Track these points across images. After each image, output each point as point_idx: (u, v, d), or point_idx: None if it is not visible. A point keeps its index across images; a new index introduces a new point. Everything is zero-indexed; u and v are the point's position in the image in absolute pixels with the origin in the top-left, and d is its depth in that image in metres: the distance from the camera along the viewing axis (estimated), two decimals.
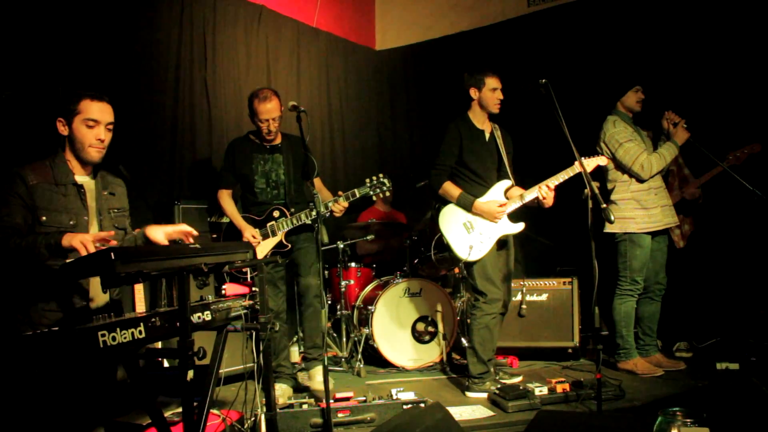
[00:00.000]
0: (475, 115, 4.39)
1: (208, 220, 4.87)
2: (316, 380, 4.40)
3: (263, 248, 4.33)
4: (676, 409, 1.86)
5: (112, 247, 2.26)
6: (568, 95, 4.67)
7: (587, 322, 5.24)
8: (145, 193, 4.89)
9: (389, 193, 4.40)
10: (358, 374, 4.93)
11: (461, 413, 3.74)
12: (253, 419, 3.38)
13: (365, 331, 5.12)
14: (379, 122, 7.63)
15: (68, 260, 2.44)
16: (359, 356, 5.05)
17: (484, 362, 4.26)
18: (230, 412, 3.57)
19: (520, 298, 5.27)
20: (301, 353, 4.85)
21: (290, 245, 4.38)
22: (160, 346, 3.79)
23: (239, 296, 3.02)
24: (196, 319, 2.61)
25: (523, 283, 5.29)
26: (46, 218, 2.80)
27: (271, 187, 4.41)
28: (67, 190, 2.90)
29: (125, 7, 4.84)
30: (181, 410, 2.65)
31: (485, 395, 4.16)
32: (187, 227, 3.03)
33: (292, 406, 3.62)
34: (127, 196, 3.29)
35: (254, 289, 3.07)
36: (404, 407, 3.62)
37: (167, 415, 3.54)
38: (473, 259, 4.23)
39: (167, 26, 5.24)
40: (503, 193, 4.36)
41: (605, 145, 4.71)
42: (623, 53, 5.91)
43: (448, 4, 7.31)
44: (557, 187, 4.19)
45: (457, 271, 5.69)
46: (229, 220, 4.46)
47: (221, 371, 2.91)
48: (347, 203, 4.30)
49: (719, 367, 4.61)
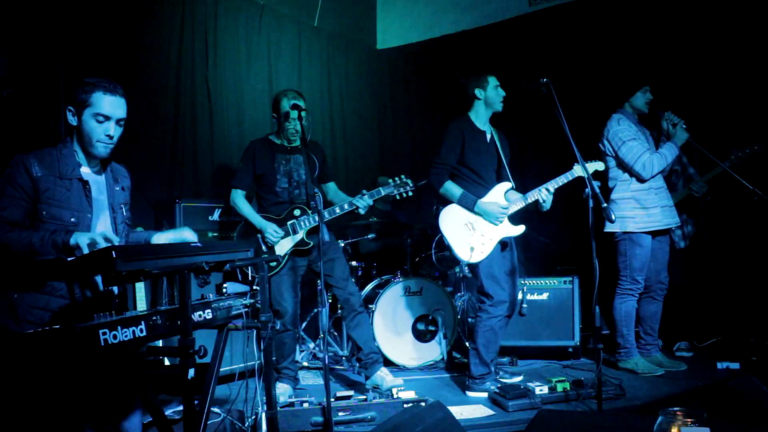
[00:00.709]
0: (477, 116, 4.36)
1: (218, 219, 4.86)
2: (389, 379, 4.38)
3: (283, 246, 4.29)
4: (676, 408, 1.85)
5: (113, 245, 2.26)
6: (569, 95, 4.68)
7: (588, 321, 5.23)
8: (146, 191, 4.91)
9: (412, 193, 4.36)
10: (358, 373, 4.93)
11: (462, 412, 3.74)
12: (253, 417, 3.39)
13: None
14: (380, 121, 7.64)
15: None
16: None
17: (486, 364, 4.26)
18: (231, 410, 3.58)
19: (520, 297, 5.27)
20: (354, 358, 4.80)
21: (311, 243, 4.30)
22: (161, 344, 3.80)
23: (240, 295, 3.02)
24: (197, 317, 2.62)
25: (523, 282, 5.29)
26: (46, 213, 2.67)
27: (293, 186, 4.35)
28: (71, 185, 2.76)
29: (127, 5, 4.84)
30: (181, 408, 2.66)
31: (486, 394, 4.16)
32: (188, 233, 2.96)
33: (293, 404, 3.62)
34: (131, 189, 3.18)
35: (255, 287, 3.07)
36: (405, 406, 3.62)
37: (168, 413, 3.56)
38: (474, 260, 4.21)
39: (168, 25, 5.26)
40: (503, 194, 4.35)
41: (608, 142, 4.70)
42: (625, 53, 5.92)
43: (449, 2, 7.32)
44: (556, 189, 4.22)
45: (458, 270, 5.69)
46: (242, 221, 4.42)
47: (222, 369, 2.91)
48: (372, 201, 4.27)
49: (720, 366, 4.63)
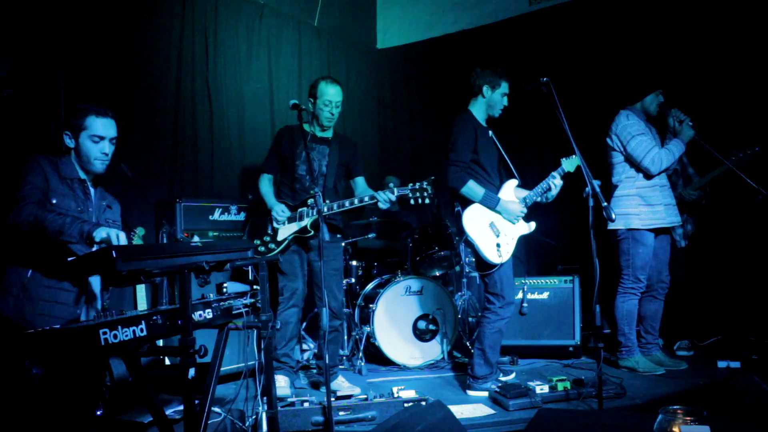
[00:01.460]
0: (478, 112, 4.30)
1: (219, 218, 4.86)
2: (346, 385, 4.40)
3: (286, 230, 4.25)
4: (676, 407, 1.86)
5: (113, 245, 2.27)
6: (570, 93, 4.68)
7: (588, 320, 5.23)
8: (146, 191, 4.91)
9: (429, 201, 4.05)
10: (359, 372, 4.94)
11: (462, 411, 3.74)
12: (254, 417, 3.39)
13: (367, 329, 5.12)
14: (380, 121, 7.63)
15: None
16: (360, 354, 5.06)
17: (491, 364, 4.26)
18: (232, 409, 3.58)
19: (521, 296, 5.27)
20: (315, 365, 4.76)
21: (312, 233, 4.19)
22: (161, 344, 3.80)
23: (241, 294, 3.03)
24: (197, 317, 2.62)
25: (524, 281, 5.29)
26: (56, 201, 2.97)
27: (312, 175, 4.21)
28: (73, 183, 3.09)
29: (127, 5, 4.84)
30: (182, 408, 2.66)
31: (486, 394, 4.16)
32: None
33: (293, 404, 3.62)
34: (120, 214, 3.41)
35: (255, 287, 3.08)
36: (405, 405, 3.63)
37: (168, 413, 3.56)
38: (503, 261, 4.14)
39: (168, 25, 5.25)
40: (513, 192, 4.33)
41: (616, 136, 4.68)
42: (627, 51, 5.91)
43: (449, 2, 7.30)
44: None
45: (458, 269, 5.70)
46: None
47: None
48: (395, 197, 4.09)
49: (721, 365, 4.63)
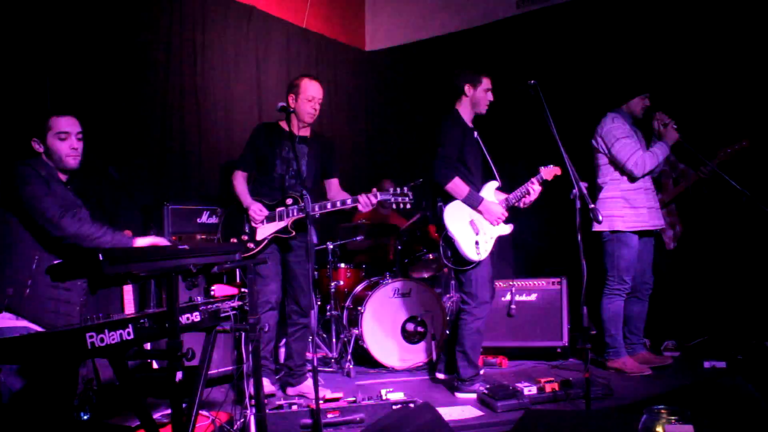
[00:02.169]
0: (464, 111, 4.34)
1: (207, 221, 4.85)
2: (306, 384, 4.42)
3: (265, 230, 4.21)
4: (661, 407, 1.88)
5: (99, 248, 2.26)
6: (558, 96, 4.70)
7: (576, 321, 5.26)
8: (134, 194, 4.89)
9: (410, 206, 4.19)
10: (347, 375, 4.94)
11: (451, 413, 3.75)
12: (242, 420, 3.39)
13: (355, 331, 5.12)
14: (368, 123, 7.64)
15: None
16: (349, 357, 5.06)
17: (474, 365, 4.29)
18: (219, 413, 3.58)
19: (509, 298, 5.29)
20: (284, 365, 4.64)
21: (294, 232, 4.20)
22: (149, 347, 3.79)
23: (228, 297, 3.03)
24: (184, 320, 2.62)
25: (512, 283, 5.32)
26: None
27: (289, 174, 4.27)
28: (57, 185, 3.16)
29: (114, 7, 4.82)
30: (169, 412, 2.66)
31: (474, 395, 4.18)
32: (156, 239, 3.31)
33: (281, 406, 3.62)
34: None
35: (243, 290, 3.07)
36: (393, 408, 3.63)
37: (156, 416, 3.55)
38: (480, 259, 4.19)
39: (155, 26, 5.22)
40: (493, 193, 4.38)
41: (602, 139, 4.73)
42: (614, 54, 5.95)
43: (437, 5, 7.33)
44: (543, 191, 4.33)
45: (446, 270, 5.71)
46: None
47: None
48: (376, 200, 4.13)
49: (707, 365, 4.66)
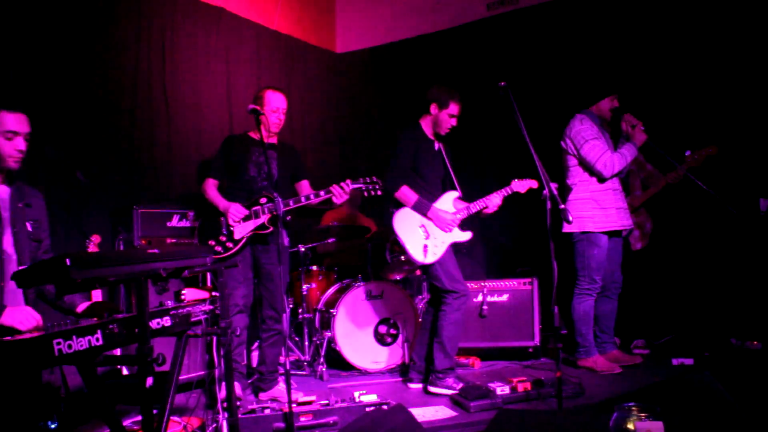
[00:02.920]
0: (426, 126, 4.54)
1: (177, 225, 4.81)
2: (278, 388, 4.41)
3: (242, 229, 4.23)
4: (631, 404, 1.91)
5: (67, 252, 2.22)
6: (528, 98, 4.75)
7: (547, 321, 5.32)
8: (103, 198, 4.83)
9: (381, 192, 4.35)
10: (320, 378, 4.92)
11: (424, 414, 3.76)
12: (214, 425, 3.36)
13: (327, 334, 5.11)
14: (339, 125, 7.61)
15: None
16: (322, 360, 5.04)
17: (450, 357, 4.37)
18: (191, 418, 3.54)
19: (481, 299, 5.32)
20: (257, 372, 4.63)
21: (272, 228, 4.22)
22: (119, 352, 3.74)
23: (199, 301, 3.00)
24: (155, 325, 2.59)
25: (484, 284, 5.36)
26: None
27: (261, 177, 4.36)
28: None
29: (82, 8, 4.76)
30: (140, 418, 2.62)
31: (448, 392, 4.22)
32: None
33: (254, 410, 3.60)
34: (45, 208, 3.24)
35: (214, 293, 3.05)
36: (367, 410, 3.63)
37: (126, 423, 3.50)
38: (428, 261, 4.34)
39: (124, 27, 5.16)
40: (451, 202, 4.51)
41: (570, 140, 4.78)
42: (583, 56, 6.02)
43: (408, 7, 7.33)
44: (514, 195, 4.48)
45: (418, 273, 5.73)
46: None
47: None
48: (348, 190, 4.21)
49: (675, 362, 4.74)
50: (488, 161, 6.67)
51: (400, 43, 7.38)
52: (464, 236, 4.48)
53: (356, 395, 3.78)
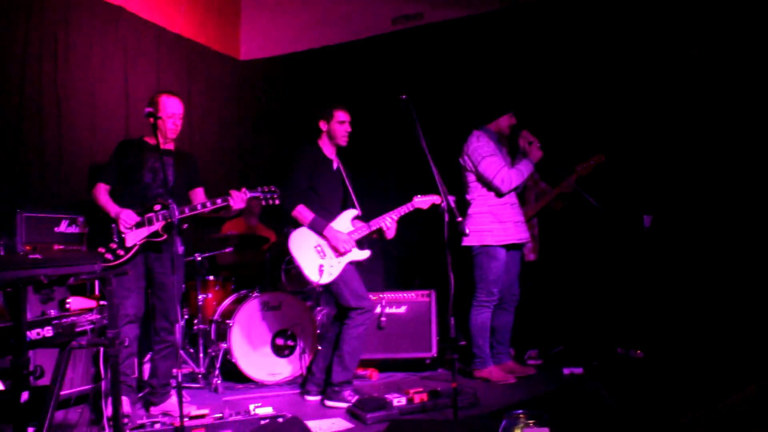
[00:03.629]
0: (324, 145, 4.57)
1: (65, 231, 4.58)
2: (170, 402, 4.27)
3: (135, 236, 4.05)
4: (519, 411, 1.96)
5: None
6: (429, 113, 4.84)
7: (444, 332, 5.40)
8: None
9: (279, 202, 4.30)
10: (215, 390, 4.79)
11: (320, 426, 3.74)
12: None
13: (223, 345, 4.99)
14: (240, 134, 7.47)
15: None
16: (217, 372, 4.92)
17: (349, 370, 4.36)
18: None
19: (379, 310, 5.35)
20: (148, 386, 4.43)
21: (165, 235, 4.07)
22: None
23: (85, 310, 2.86)
24: (34, 335, 2.44)
25: (382, 295, 5.39)
26: None
27: (156, 184, 4.18)
28: None
29: None
30: None
31: (344, 405, 4.20)
32: None
33: (144, 425, 3.46)
34: None
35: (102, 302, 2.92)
36: (261, 423, 3.56)
37: None
38: (323, 282, 4.34)
39: (12, 17, 4.87)
40: (349, 221, 4.54)
41: (468, 157, 4.89)
42: (484, 74, 6.21)
43: (314, 18, 7.32)
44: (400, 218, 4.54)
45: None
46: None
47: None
48: (246, 196, 4.15)
49: (566, 372, 4.93)
50: (391, 176, 6.74)
51: (304, 53, 7.35)
52: (362, 255, 4.50)
53: (251, 408, 3.71)
